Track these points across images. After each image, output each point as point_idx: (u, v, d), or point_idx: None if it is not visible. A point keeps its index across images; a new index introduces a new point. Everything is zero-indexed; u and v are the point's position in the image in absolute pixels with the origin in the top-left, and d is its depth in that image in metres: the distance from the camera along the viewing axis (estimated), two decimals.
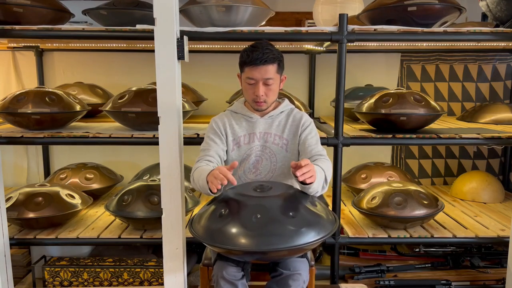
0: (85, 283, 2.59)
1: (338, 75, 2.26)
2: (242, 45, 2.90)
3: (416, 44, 2.96)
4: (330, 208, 2.41)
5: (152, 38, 1.88)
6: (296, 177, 1.53)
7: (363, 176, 2.91)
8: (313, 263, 1.81)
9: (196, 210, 2.50)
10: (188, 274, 2.68)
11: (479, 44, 2.96)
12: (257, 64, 1.72)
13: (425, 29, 2.23)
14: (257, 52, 1.72)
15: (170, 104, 1.90)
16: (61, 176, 2.88)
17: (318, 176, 1.61)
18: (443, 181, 3.47)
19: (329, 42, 2.34)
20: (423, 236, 2.36)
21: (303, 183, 1.58)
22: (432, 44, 3.01)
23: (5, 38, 2.38)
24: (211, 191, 1.61)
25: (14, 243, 2.33)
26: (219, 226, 1.50)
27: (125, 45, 3.05)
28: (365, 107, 2.50)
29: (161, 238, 1.99)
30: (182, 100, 2.15)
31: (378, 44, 3.01)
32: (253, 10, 2.28)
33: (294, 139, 1.86)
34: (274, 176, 1.85)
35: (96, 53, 3.24)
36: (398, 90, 2.50)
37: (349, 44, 2.24)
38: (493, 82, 3.35)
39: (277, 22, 3.33)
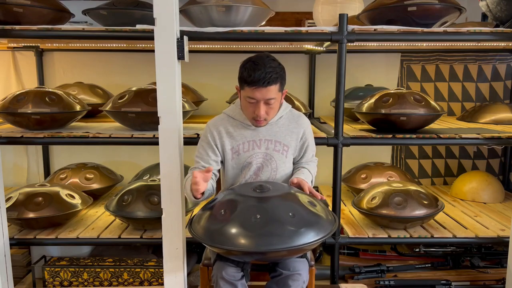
0: (85, 283, 2.59)
1: (338, 75, 2.26)
2: (242, 45, 2.93)
3: (416, 44, 2.95)
4: (330, 208, 2.41)
5: (152, 38, 1.88)
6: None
7: (363, 176, 2.91)
8: (313, 263, 1.81)
9: (196, 210, 2.50)
10: (188, 274, 2.68)
11: (479, 44, 2.96)
12: (259, 85, 1.64)
13: (425, 29, 2.23)
14: (259, 72, 1.63)
15: (170, 104, 1.90)
16: (61, 176, 2.88)
17: (308, 180, 1.81)
18: (443, 181, 3.46)
19: (329, 42, 2.34)
20: (423, 236, 2.36)
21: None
22: (432, 44, 3.01)
23: (5, 38, 2.38)
24: (195, 197, 1.69)
25: (14, 243, 2.33)
26: (218, 227, 1.50)
27: (125, 45, 3.04)
28: (365, 107, 2.50)
29: (161, 238, 1.99)
30: (182, 100, 2.15)
31: (378, 44, 3.01)
32: (253, 10, 2.28)
33: (295, 146, 1.88)
34: (274, 179, 1.85)
35: (96, 53, 3.24)
36: (398, 90, 2.50)
37: (349, 44, 2.24)
38: (493, 82, 3.35)
39: (277, 22, 3.33)
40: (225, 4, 2.21)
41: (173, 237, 1.98)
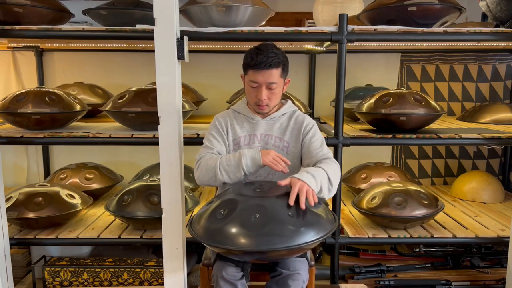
0: (85, 283, 2.59)
1: (338, 75, 2.26)
2: (242, 45, 2.93)
3: (416, 44, 2.95)
4: (330, 208, 2.41)
5: (152, 38, 1.88)
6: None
7: (363, 176, 2.91)
8: (313, 263, 1.81)
9: (196, 210, 2.50)
10: (188, 274, 2.68)
11: (479, 44, 2.96)
12: (261, 68, 1.70)
13: (425, 29, 2.23)
14: (261, 56, 1.69)
15: (170, 104, 1.91)
16: (61, 176, 2.88)
17: (318, 179, 1.60)
18: (443, 181, 3.46)
19: (329, 42, 2.34)
20: (423, 236, 2.36)
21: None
22: (432, 44, 3.01)
23: (5, 38, 2.38)
24: (243, 173, 1.71)
25: (14, 243, 2.33)
26: (218, 226, 1.50)
27: (125, 45, 3.05)
28: (365, 107, 2.50)
29: (161, 238, 1.99)
30: (182, 100, 2.15)
31: (378, 44, 3.01)
32: (253, 10, 2.28)
33: (296, 143, 1.85)
34: (273, 178, 1.85)
35: (96, 53, 3.24)
36: (398, 90, 2.50)
37: (349, 44, 2.24)
38: (493, 82, 3.35)
39: (277, 22, 3.34)
40: (225, 4, 2.21)
41: (173, 237, 1.98)
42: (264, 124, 1.85)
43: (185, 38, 1.93)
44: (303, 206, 1.51)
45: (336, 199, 2.35)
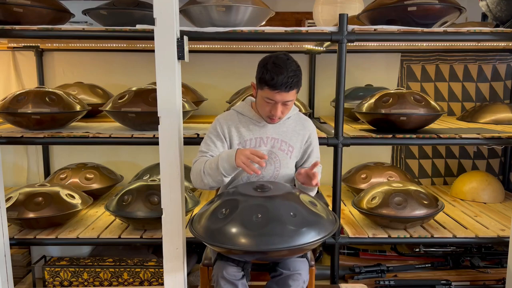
0: (85, 283, 2.59)
1: (338, 75, 2.26)
2: (242, 45, 2.93)
3: (416, 44, 2.96)
4: (330, 208, 2.41)
5: (152, 38, 1.88)
6: (304, 183, 1.74)
7: (363, 176, 2.91)
8: (313, 263, 1.81)
9: (196, 210, 2.50)
10: (188, 274, 2.68)
11: (479, 44, 2.96)
12: (281, 90, 1.65)
13: (425, 29, 2.23)
14: (282, 76, 1.62)
15: (170, 104, 1.90)
16: (61, 176, 2.88)
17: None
18: (443, 181, 3.46)
19: (329, 42, 2.34)
20: (423, 236, 2.36)
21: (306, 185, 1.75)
22: (432, 44, 3.01)
23: (5, 38, 2.39)
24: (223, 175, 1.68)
25: (14, 243, 2.33)
26: (219, 226, 1.51)
27: (125, 45, 3.05)
28: (365, 107, 2.50)
29: (161, 238, 1.99)
30: (182, 100, 2.15)
31: (378, 44, 3.01)
32: (253, 10, 2.28)
33: (300, 148, 1.87)
34: (277, 179, 1.85)
35: (96, 53, 3.24)
36: (398, 90, 2.50)
37: (349, 44, 2.24)
38: (493, 82, 3.35)
39: (277, 22, 3.34)
40: (225, 4, 2.21)
41: (173, 237, 1.98)
42: (271, 128, 1.84)
43: (185, 38, 1.93)
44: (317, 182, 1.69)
45: (336, 199, 2.36)
